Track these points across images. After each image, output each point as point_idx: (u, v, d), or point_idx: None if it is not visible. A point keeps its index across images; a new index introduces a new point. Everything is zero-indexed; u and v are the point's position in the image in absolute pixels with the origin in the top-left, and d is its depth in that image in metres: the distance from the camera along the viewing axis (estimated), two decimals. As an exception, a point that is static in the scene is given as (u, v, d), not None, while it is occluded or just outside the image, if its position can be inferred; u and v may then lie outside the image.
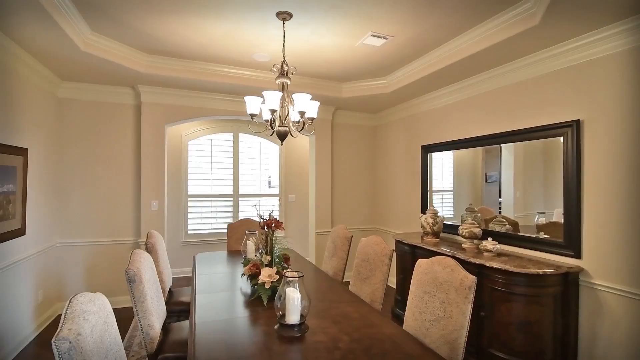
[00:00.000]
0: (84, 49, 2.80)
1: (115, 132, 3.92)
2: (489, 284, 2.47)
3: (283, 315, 1.68)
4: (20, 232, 2.88)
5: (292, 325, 1.65)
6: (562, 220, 2.55)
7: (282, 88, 2.38)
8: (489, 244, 2.66)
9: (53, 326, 3.36)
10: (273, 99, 2.16)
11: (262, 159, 5.75)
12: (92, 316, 1.20)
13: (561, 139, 2.58)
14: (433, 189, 4.09)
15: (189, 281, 4.45)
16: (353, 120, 5.07)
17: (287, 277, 1.68)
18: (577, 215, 2.43)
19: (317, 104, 2.40)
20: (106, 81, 3.68)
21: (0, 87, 2.64)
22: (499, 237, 2.93)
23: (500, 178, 3.25)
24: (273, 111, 2.20)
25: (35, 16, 2.26)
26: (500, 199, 3.22)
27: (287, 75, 2.38)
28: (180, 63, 3.46)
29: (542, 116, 2.73)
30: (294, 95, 2.21)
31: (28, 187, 3.03)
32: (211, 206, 5.43)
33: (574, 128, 2.47)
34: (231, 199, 5.51)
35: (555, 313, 2.32)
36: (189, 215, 5.27)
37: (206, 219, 5.40)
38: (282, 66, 2.37)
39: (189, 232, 5.27)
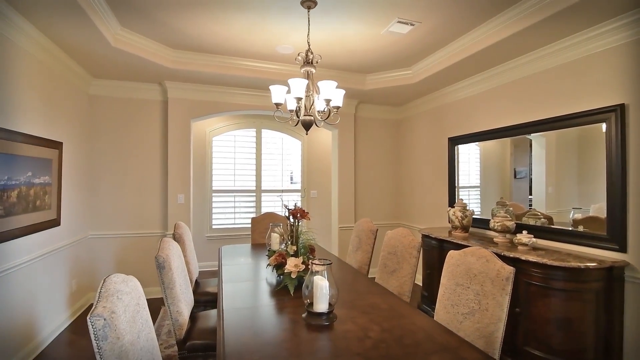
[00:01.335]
0: (114, 44, 2.87)
1: (143, 128, 4.02)
2: (525, 279, 2.35)
3: (311, 304, 1.65)
4: (55, 222, 3.00)
5: (321, 314, 1.61)
6: (602, 215, 2.40)
7: (307, 76, 2.35)
8: (524, 237, 2.53)
9: (87, 312, 3.49)
10: (299, 86, 2.13)
11: (284, 154, 5.76)
12: (125, 296, 1.21)
13: (603, 126, 2.42)
14: (459, 185, 3.95)
15: (214, 274, 4.51)
16: (376, 114, 4.99)
17: (315, 264, 1.65)
18: (622, 206, 2.27)
19: (343, 92, 2.36)
20: (134, 78, 3.78)
21: (39, 84, 2.76)
22: (533, 231, 2.79)
23: (530, 173, 3.10)
24: (299, 99, 2.17)
25: (70, 13, 2.34)
26: (530, 197, 3.08)
27: (312, 63, 2.35)
28: (205, 58, 3.50)
29: (580, 102, 2.57)
30: (320, 83, 2.17)
31: (62, 179, 3.14)
32: (235, 201, 5.49)
33: (618, 113, 2.30)
34: (254, 194, 5.55)
35: (598, 310, 2.17)
36: (214, 210, 5.35)
37: (230, 213, 5.47)
38: (307, 54, 2.34)
39: (214, 226, 5.35)
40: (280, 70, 3.74)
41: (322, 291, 1.62)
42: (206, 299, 2.73)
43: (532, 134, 3.04)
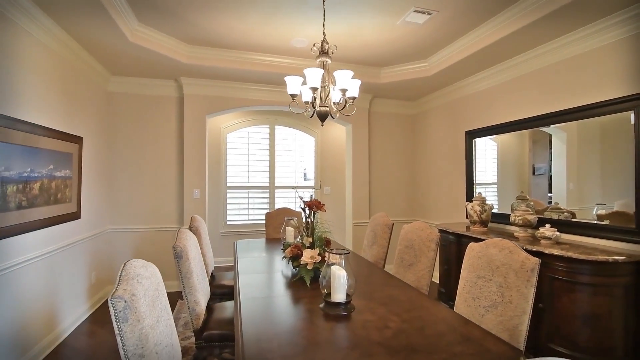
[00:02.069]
0: (131, 39, 2.91)
1: (159, 124, 4.07)
2: (549, 273, 2.27)
3: (328, 294, 1.63)
4: (76, 215, 3.06)
5: (338, 304, 1.59)
6: (627, 209, 2.30)
7: (323, 67, 2.32)
8: (547, 230, 2.45)
9: (105, 305, 3.55)
10: (314, 76, 2.11)
11: (297, 151, 5.75)
12: (145, 280, 1.21)
13: (631, 114, 2.31)
14: (476, 182, 3.87)
15: (229, 269, 4.54)
16: (391, 109, 4.93)
17: (333, 253, 1.63)
18: (653, 198, 2.17)
19: (359, 82, 2.33)
20: (151, 74, 3.83)
21: (60, 79, 2.82)
22: (556, 225, 2.69)
23: (549, 170, 3.01)
24: (314, 89, 2.15)
25: (91, 10, 2.40)
26: (550, 194, 2.98)
27: (327, 53, 2.32)
28: (220, 53, 3.52)
29: (604, 91, 2.47)
30: (336, 73, 2.15)
31: (82, 173, 3.21)
32: (249, 197, 5.51)
33: (649, 100, 2.20)
34: (268, 190, 5.57)
35: (628, 305, 2.07)
36: (228, 207, 5.39)
37: (244, 210, 5.49)
38: (322, 45, 2.32)
39: (228, 222, 5.38)
40: (295, 65, 3.73)
41: (339, 281, 1.60)
42: (222, 292, 2.74)
43: (552, 128, 2.95)
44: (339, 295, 1.60)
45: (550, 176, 3.01)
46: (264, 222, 5.07)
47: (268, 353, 1.20)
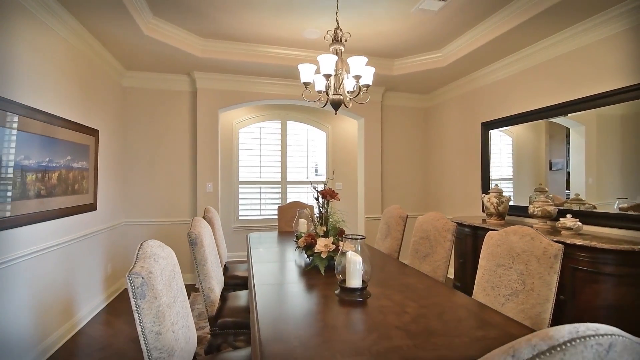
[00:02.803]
0: (146, 32, 2.94)
1: (172, 118, 4.11)
2: (571, 264, 2.19)
3: (344, 280, 1.60)
4: (92, 207, 3.11)
5: (354, 289, 1.56)
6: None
7: (336, 54, 2.29)
8: (568, 220, 2.37)
9: (121, 297, 3.61)
10: (328, 63, 2.08)
11: (308, 146, 5.74)
12: (162, 260, 1.21)
13: (659, 100, 2.22)
14: (491, 178, 3.78)
15: (242, 263, 4.55)
16: (403, 102, 4.87)
17: (349, 238, 1.60)
18: (683, 186, 2.07)
19: (373, 69, 2.29)
20: (165, 69, 3.87)
21: (78, 73, 2.87)
22: (577, 217, 2.61)
23: (567, 165, 2.93)
24: (328, 76, 2.13)
25: (108, 2, 2.43)
26: (567, 191, 2.89)
27: (341, 41, 2.29)
28: (233, 45, 3.53)
29: (623, 78, 2.38)
30: (350, 60, 2.12)
31: (99, 166, 3.26)
32: (260, 192, 5.53)
33: (678, 84, 2.11)
34: (279, 186, 5.57)
35: (655, 298, 1.99)
36: (240, 202, 5.41)
37: (256, 205, 5.51)
38: (335, 32, 2.29)
39: (240, 217, 5.40)
40: (307, 57, 3.71)
41: (355, 267, 1.57)
42: (235, 282, 2.75)
43: (570, 121, 2.86)
44: (354, 281, 1.57)
45: (568, 172, 2.93)
46: (275, 217, 5.08)
47: (284, 333, 1.18)
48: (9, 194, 2.00)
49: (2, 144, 1.92)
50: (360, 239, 1.61)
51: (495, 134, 3.72)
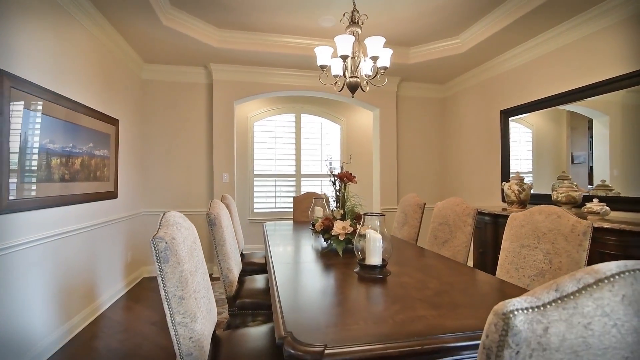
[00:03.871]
0: (165, 23, 2.99)
1: (189, 109, 4.17)
2: (598, 249, 2.11)
3: (363, 259, 1.59)
4: (113, 194, 3.18)
5: (374, 267, 1.54)
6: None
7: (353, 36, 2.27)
8: (595, 205, 2.28)
9: (140, 284, 3.68)
10: (345, 43, 2.06)
11: (323, 139, 5.73)
12: (184, 229, 1.22)
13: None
14: (510, 170, 3.69)
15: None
16: (419, 93, 4.80)
17: (369, 215, 1.58)
18: None
19: (390, 51, 2.26)
20: (182, 61, 3.92)
21: (100, 64, 2.94)
22: (603, 202, 2.51)
23: (589, 159, 2.83)
24: (345, 57, 2.11)
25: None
26: (590, 186, 2.79)
27: (357, 23, 2.27)
28: (249, 36, 3.55)
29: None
30: (367, 40, 2.09)
31: (119, 155, 3.33)
32: (275, 185, 5.55)
33: None
34: (294, 178, 5.58)
35: (691, 283, 1.89)
36: (255, 194, 5.44)
37: (270, 197, 5.53)
38: (352, 14, 2.27)
39: (255, 210, 5.44)
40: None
41: (375, 244, 1.55)
42: (252, 268, 2.76)
43: (594, 109, 2.75)
44: (374, 258, 1.55)
45: (591, 167, 2.83)
46: (290, 209, 5.08)
47: (305, 304, 1.17)
48: (35, 174, 2.06)
49: (27, 126, 1.98)
50: (381, 215, 1.59)
51: (514, 127, 3.62)
